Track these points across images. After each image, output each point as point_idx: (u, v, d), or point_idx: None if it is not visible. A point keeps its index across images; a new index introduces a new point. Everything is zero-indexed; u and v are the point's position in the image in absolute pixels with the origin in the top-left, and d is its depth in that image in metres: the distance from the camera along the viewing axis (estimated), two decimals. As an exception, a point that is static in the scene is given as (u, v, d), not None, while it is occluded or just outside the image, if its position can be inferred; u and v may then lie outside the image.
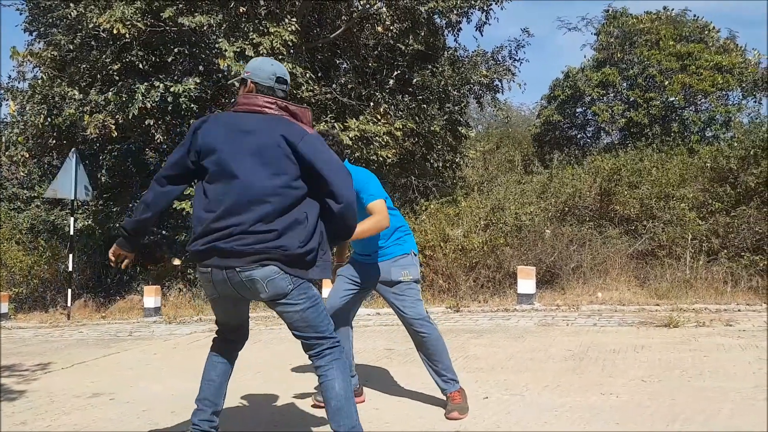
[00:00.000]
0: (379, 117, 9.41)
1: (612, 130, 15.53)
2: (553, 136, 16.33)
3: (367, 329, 6.42)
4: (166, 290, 9.58)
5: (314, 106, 10.21)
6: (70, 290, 9.28)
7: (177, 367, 5.12)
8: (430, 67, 10.64)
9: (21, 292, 10.75)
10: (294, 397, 3.91)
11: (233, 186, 2.26)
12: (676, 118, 14.66)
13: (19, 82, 11.25)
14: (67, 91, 8.64)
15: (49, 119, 8.92)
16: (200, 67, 9.84)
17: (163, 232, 11.13)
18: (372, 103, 10.31)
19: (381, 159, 9.15)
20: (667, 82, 14.17)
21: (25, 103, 9.65)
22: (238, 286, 2.28)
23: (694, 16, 15.90)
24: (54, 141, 9.55)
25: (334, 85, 10.49)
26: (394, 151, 9.21)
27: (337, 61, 11.27)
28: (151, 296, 8.45)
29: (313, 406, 3.61)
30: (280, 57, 8.01)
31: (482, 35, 11.80)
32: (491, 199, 9.31)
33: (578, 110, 16.38)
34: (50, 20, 9.98)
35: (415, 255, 3.36)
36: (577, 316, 6.59)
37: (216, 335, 2.76)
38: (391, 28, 9.80)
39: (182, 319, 8.02)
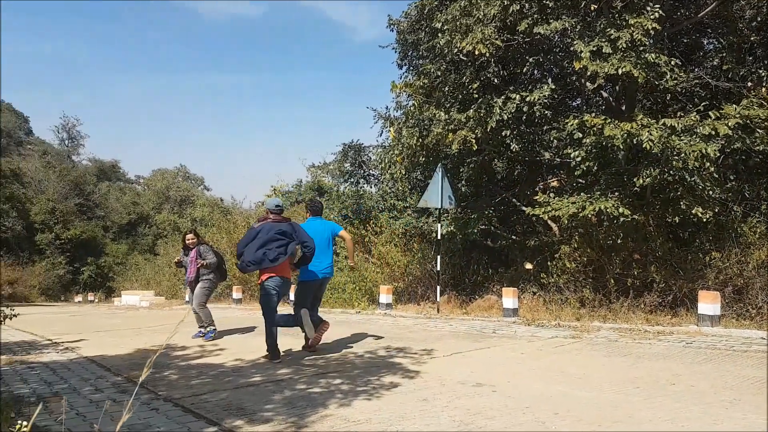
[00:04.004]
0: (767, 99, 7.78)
1: None
2: None
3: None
4: (520, 293, 9.93)
5: (679, 96, 9.17)
6: (438, 287, 10.50)
7: (548, 368, 5.20)
8: (844, 28, 8.32)
9: (399, 287, 12.67)
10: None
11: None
12: None
13: (395, 111, 13.40)
14: (434, 113, 9.81)
15: (420, 140, 10.28)
16: (548, 77, 9.88)
17: (513, 237, 11.57)
18: (749, 84, 8.67)
19: (768, 149, 7.55)
20: None
21: (400, 127, 11.36)
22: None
23: None
24: (423, 158, 10.96)
25: (696, 70, 9.21)
26: (791, 139, 7.47)
27: (704, 42, 9.85)
28: (509, 297, 8.86)
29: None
30: (641, 48, 7.43)
31: None
32: None
33: None
34: (420, 53, 11.57)
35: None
36: None
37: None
38: (780, -10, 8.05)
39: (540, 323, 8.16)
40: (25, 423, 1.94)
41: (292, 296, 6.80)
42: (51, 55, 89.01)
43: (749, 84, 8.78)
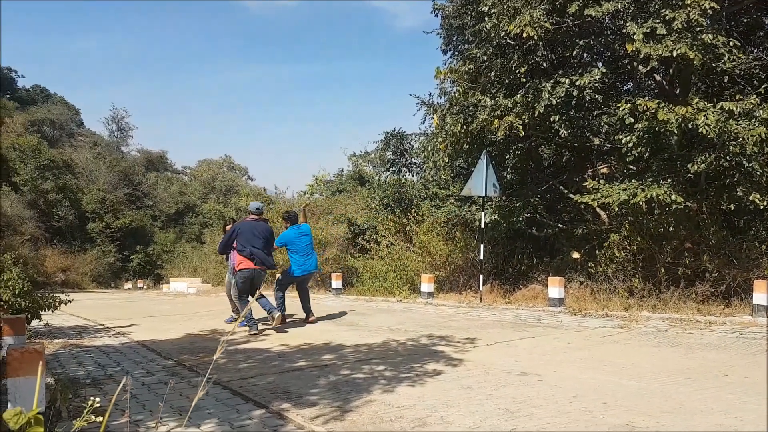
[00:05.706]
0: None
1: None
2: None
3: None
4: (566, 282, 9.70)
5: (737, 78, 8.73)
6: (481, 276, 10.38)
7: (595, 358, 5.07)
8: None
9: (441, 276, 12.60)
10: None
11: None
12: None
13: (439, 98, 13.23)
14: (480, 99, 9.62)
15: (464, 127, 10.11)
16: (598, 60, 9.55)
17: (560, 225, 11.31)
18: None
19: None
20: None
21: (444, 114, 11.20)
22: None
23: None
24: (467, 146, 10.78)
25: (756, 51, 8.73)
26: None
27: (765, 21, 9.31)
28: (555, 287, 8.68)
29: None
30: (698, 29, 7.09)
31: None
32: None
33: None
34: (466, 37, 11.34)
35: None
36: None
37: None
38: None
39: (587, 312, 7.97)
40: (98, 399, 1.99)
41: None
42: (100, 49, 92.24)
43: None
